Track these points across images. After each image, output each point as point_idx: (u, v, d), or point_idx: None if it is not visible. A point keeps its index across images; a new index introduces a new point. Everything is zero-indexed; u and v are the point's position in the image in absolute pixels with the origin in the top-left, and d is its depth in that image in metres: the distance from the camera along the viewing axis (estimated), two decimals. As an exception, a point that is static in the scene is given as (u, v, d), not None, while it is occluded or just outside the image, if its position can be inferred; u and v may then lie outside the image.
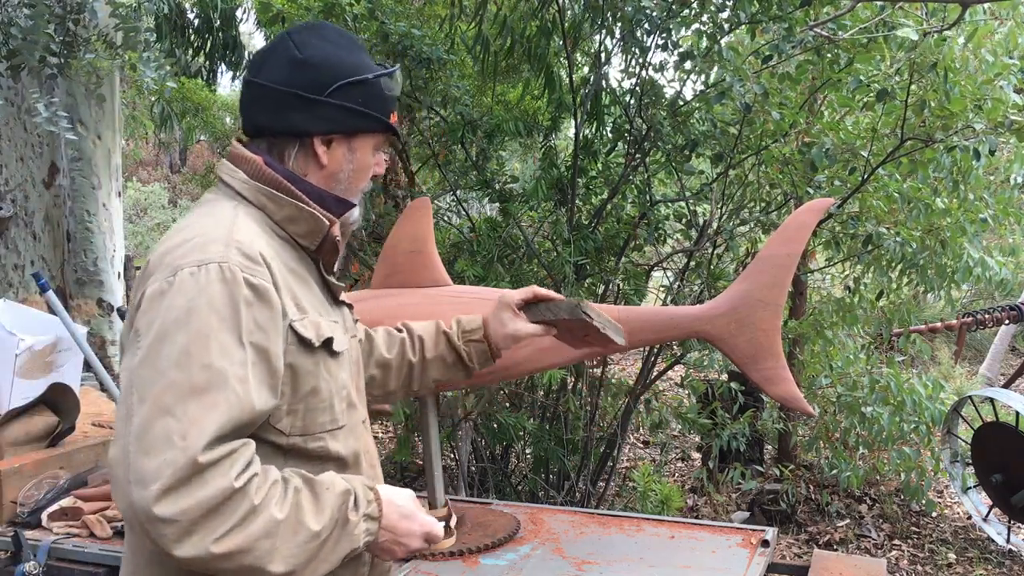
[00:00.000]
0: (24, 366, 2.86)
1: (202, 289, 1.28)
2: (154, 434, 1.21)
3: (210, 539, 1.21)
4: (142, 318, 1.29)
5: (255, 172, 1.45)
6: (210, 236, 1.35)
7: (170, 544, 1.20)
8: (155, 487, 1.19)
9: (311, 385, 1.41)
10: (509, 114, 4.15)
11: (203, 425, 1.22)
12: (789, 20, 3.32)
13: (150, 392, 1.23)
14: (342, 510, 1.35)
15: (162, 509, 1.19)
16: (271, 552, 1.26)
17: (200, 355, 1.25)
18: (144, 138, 14.50)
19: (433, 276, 2.42)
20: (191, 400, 1.23)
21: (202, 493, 1.21)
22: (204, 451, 1.21)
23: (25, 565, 2.22)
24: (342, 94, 1.47)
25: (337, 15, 3.71)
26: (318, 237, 1.48)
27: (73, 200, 4.96)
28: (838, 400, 4.57)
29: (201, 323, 1.26)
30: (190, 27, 7.09)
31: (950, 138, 3.37)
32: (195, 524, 1.20)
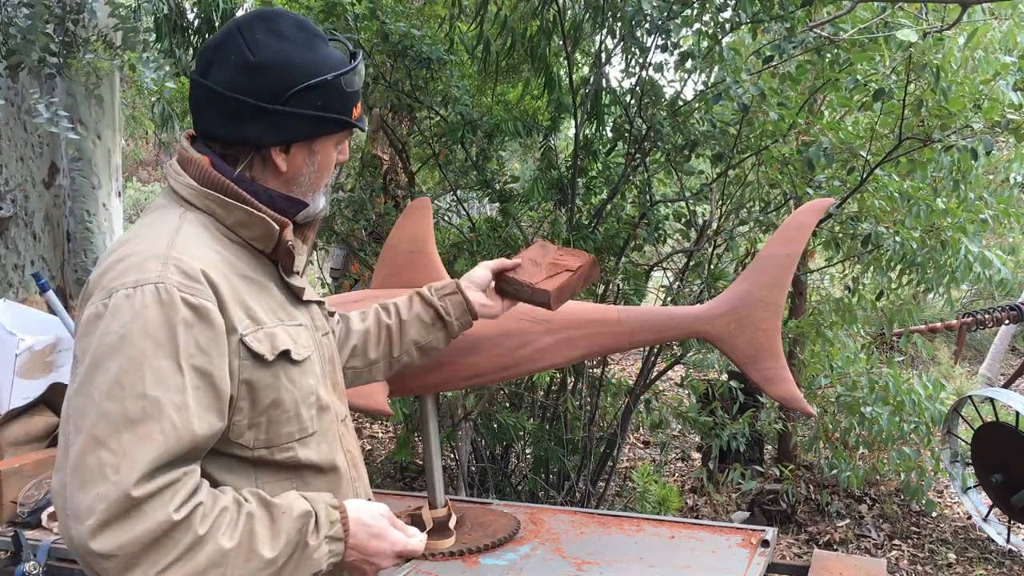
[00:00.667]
0: (24, 366, 2.86)
1: (137, 313, 1.23)
2: (87, 467, 1.18)
3: (152, 572, 1.17)
4: (79, 343, 1.26)
5: (201, 176, 1.38)
6: (148, 252, 1.29)
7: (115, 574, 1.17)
8: (90, 522, 1.16)
9: (271, 398, 1.36)
10: (509, 114, 4.15)
11: (135, 458, 1.18)
12: (791, 20, 3.32)
13: (84, 423, 1.20)
14: (301, 533, 1.29)
15: (99, 545, 1.16)
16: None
17: (134, 384, 1.20)
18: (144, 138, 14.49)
19: (433, 276, 2.42)
20: (124, 432, 1.18)
21: (140, 527, 1.17)
22: (137, 485, 1.17)
23: (25, 565, 2.22)
24: (299, 100, 1.37)
25: (338, 15, 3.72)
26: (271, 241, 1.41)
27: (73, 200, 4.97)
28: (837, 400, 4.57)
29: (135, 350, 1.21)
30: (190, 27, 7.08)
31: (948, 138, 3.37)
32: (135, 558, 1.17)
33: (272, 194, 1.42)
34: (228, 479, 1.35)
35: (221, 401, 1.29)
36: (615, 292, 3.95)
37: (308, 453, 1.42)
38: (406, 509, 2.47)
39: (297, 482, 1.42)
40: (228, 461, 1.34)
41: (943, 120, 3.39)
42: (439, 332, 1.89)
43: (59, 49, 3.45)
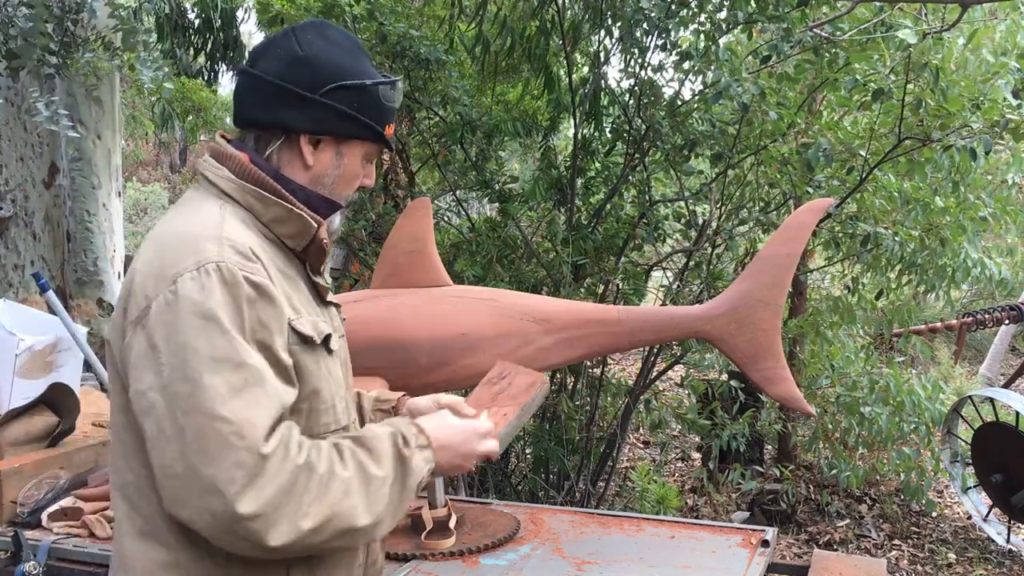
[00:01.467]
0: (24, 366, 2.86)
1: (208, 293, 1.27)
2: (210, 441, 1.22)
3: (298, 518, 1.24)
4: (157, 333, 1.27)
5: (240, 170, 1.41)
6: (201, 235, 1.32)
7: (264, 537, 1.22)
8: (232, 490, 1.21)
9: (312, 385, 1.40)
10: (508, 114, 4.15)
11: (255, 420, 1.24)
12: (787, 20, 3.32)
13: (193, 404, 1.23)
14: (397, 449, 1.38)
15: (245, 507, 1.21)
16: (354, 509, 1.29)
17: (229, 357, 1.25)
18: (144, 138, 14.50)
19: (433, 276, 2.42)
20: (235, 400, 1.24)
21: (276, 481, 1.23)
22: (265, 443, 1.24)
23: (25, 565, 2.22)
24: (337, 96, 1.42)
25: (337, 16, 3.71)
26: (305, 239, 1.44)
27: (73, 200, 4.97)
28: (837, 400, 4.57)
29: (217, 327, 1.26)
30: (191, 27, 7.09)
31: (947, 137, 3.37)
32: (279, 510, 1.23)
33: (308, 193, 1.45)
34: None
35: (286, 372, 1.34)
36: (615, 292, 3.95)
37: None
38: (406, 509, 2.47)
39: None
40: None
41: (942, 120, 3.39)
42: None
43: (59, 49, 3.45)
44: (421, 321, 2.28)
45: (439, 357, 2.25)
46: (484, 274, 3.81)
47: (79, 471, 2.64)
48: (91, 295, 5.10)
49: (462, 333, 2.27)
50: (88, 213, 5.01)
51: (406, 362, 2.26)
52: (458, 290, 2.43)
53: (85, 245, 5.03)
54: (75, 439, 2.78)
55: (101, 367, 3.21)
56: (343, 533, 1.29)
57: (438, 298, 2.35)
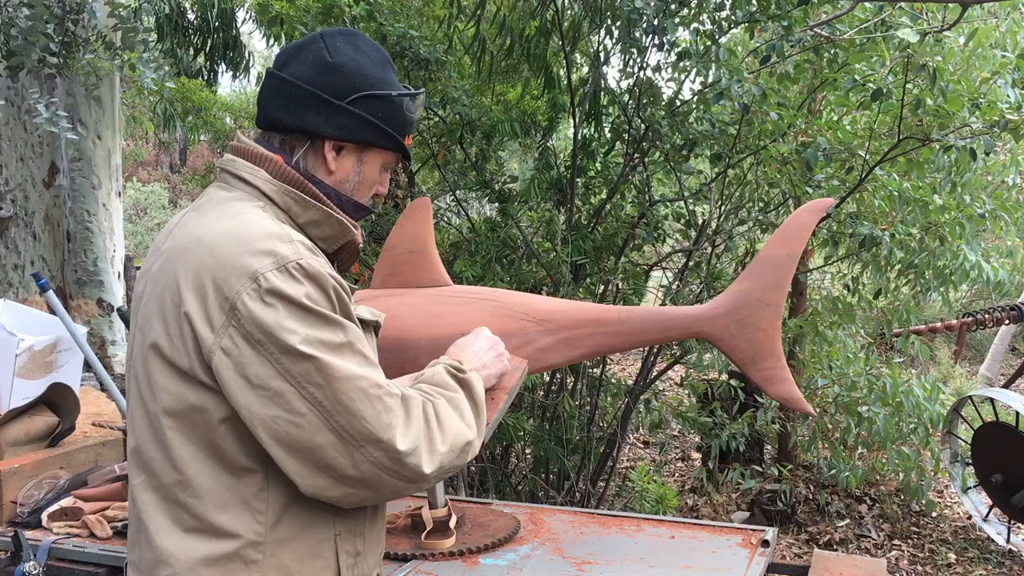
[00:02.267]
0: (24, 366, 2.86)
1: (297, 286, 1.31)
2: (355, 401, 1.31)
3: (437, 444, 1.38)
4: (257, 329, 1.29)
5: (279, 172, 1.44)
6: (267, 235, 1.34)
7: (422, 469, 1.35)
8: (390, 434, 1.32)
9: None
10: (507, 114, 4.15)
11: (374, 369, 1.37)
12: (787, 19, 3.32)
13: (322, 377, 1.30)
14: (456, 377, 1.54)
15: (404, 445, 1.33)
16: (462, 428, 1.45)
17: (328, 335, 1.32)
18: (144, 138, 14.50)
19: (433, 276, 2.42)
20: (351, 360, 1.33)
21: (415, 418, 1.37)
22: (396, 389, 1.37)
23: (25, 565, 2.22)
24: (362, 104, 1.46)
25: (336, 16, 3.72)
26: (339, 241, 1.48)
27: (73, 200, 4.96)
28: (835, 400, 4.57)
29: (312, 311, 1.32)
30: (191, 27, 7.09)
31: (947, 137, 3.37)
32: (424, 442, 1.36)
33: (342, 198, 1.50)
34: None
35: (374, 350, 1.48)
36: (615, 292, 3.95)
37: None
38: (406, 509, 2.47)
39: None
40: None
41: (941, 120, 3.39)
42: None
43: (59, 49, 3.45)
44: (421, 321, 2.27)
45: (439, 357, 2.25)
46: (484, 274, 3.81)
47: (79, 471, 2.64)
48: (91, 295, 5.11)
49: (462, 333, 2.26)
50: (88, 213, 5.01)
51: (406, 362, 2.25)
52: (458, 290, 2.43)
53: (85, 245, 5.03)
54: (75, 439, 2.78)
55: (101, 367, 3.20)
56: (463, 450, 1.43)
57: (438, 298, 2.35)
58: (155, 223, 14.30)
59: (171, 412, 1.34)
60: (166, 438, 1.35)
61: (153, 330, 1.35)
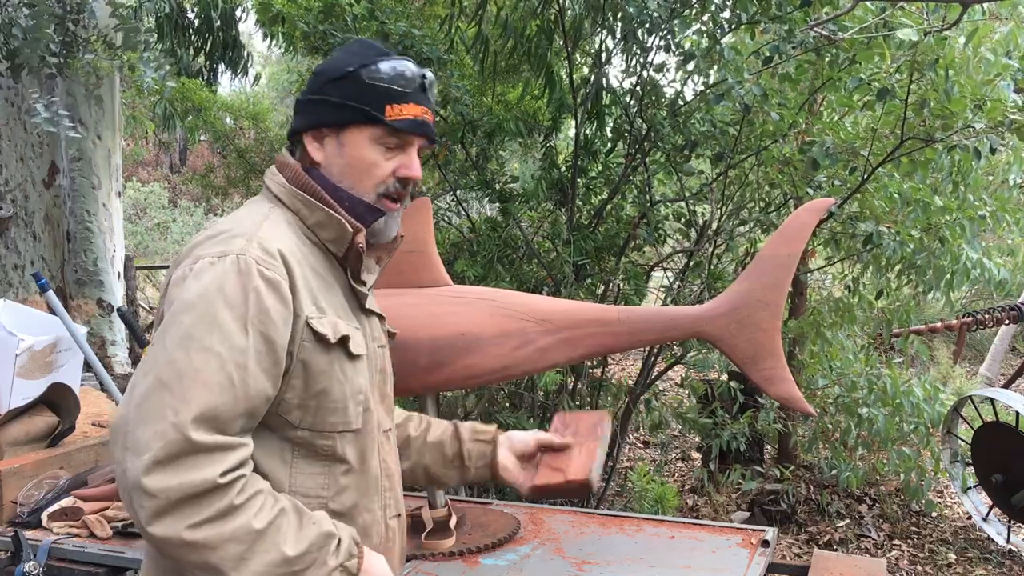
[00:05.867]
0: (24, 366, 2.86)
1: (216, 277, 1.34)
2: (150, 405, 1.27)
3: (183, 524, 1.24)
4: (164, 303, 1.38)
5: (293, 177, 1.51)
6: (236, 231, 1.41)
7: (147, 518, 1.24)
8: (146, 457, 1.24)
9: (322, 385, 1.43)
10: (509, 114, 4.15)
11: (192, 401, 1.27)
12: (789, 20, 3.32)
13: (154, 367, 1.30)
14: (322, 549, 1.34)
15: (149, 481, 1.23)
16: (238, 560, 1.27)
17: (201, 338, 1.30)
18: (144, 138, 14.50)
19: (433, 276, 2.42)
20: (187, 378, 1.28)
21: (187, 477, 1.24)
22: (194, 428, 1.25)
23: (25, 565, 2.22)
24: (327, 90, 1.50)
25: (337, 15, 3.71)
26: (344, 244, 1.50)
27: (73, 200, 4.96)
28: (835, 400, 4.57)
29: (208, 308, 1.32)
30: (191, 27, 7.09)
31: (950, 138, 3.37)
32: (172, 506, 1.24)
33: (356, 201, 1.51)
34: (265, 461, 1.41)
35: (278, 368, 1.37)
36: (615, 292, 3.95)
37: (346, 448, 1.48)
38: (406, 509, 2.47)
39: (329, 479, 1.46)
40: (269, 439, 1.41)
41: (945, 120, 3.39)
42: (454, 471, 1.90)
43: (59, 49, 3.45)
44: (421, 321, 2.27)
45: (439, 357, 2.25)
46: (484, 274, 3.81)
47: (79, 471, 2.64)
48: (91, 295, 5.10)
49: (462, 333, 2.26)
50: (88, 213, 5.01)
51: (406, 362, 2.25)
52: (458, 290, 2.42)
53: (85, 245, 5.02)
54: (75, 439, 2.78)
55: (101, 367, 3.21)
56: (212, 572, 1.27)
57: (438, 298, 2.35)
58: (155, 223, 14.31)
59: None
60: None
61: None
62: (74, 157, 4.88)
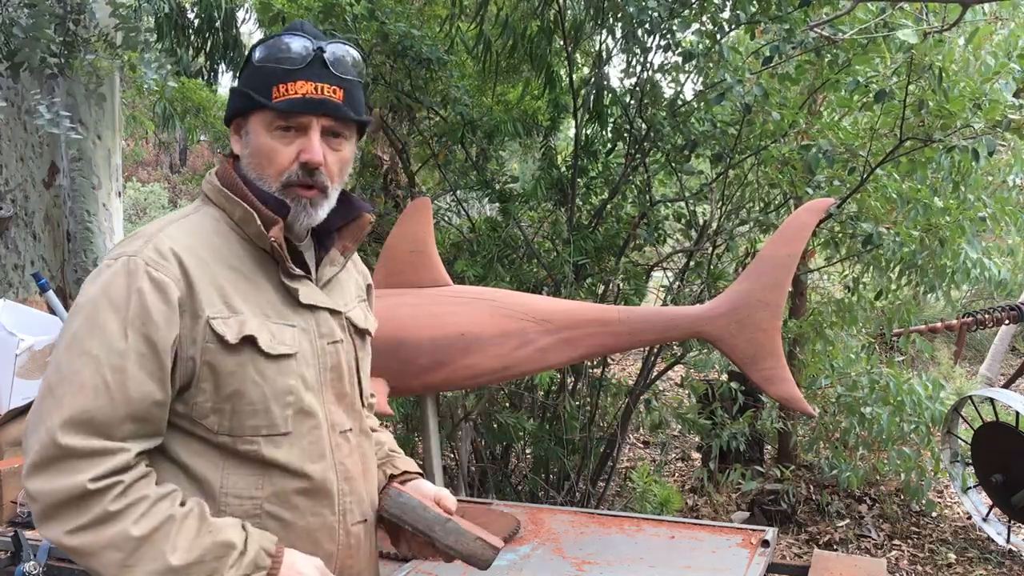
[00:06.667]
0: (24, 366, 2.86)
1: (106, 281, 1.34)
2: (37, 411, 1.29)
3: (62, 529, 1.25)
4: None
5: (221, 172, 1.48)
6: (141, 233, 1.41)
7: (36, 520, 1.27)
8: (27, 461, 1.28)
9: (234, 387, 1.37)
10: (509, 114, 4.15)
11: (63, 406, 1.27)
12: (789, 20, 3.32)
13: (47, 372, 1.32)
14: (217, 560, 1.29)
15: (31, 484, 1.27)
16: (120, 567, 1.25)
17: (83, 341, 1.30)
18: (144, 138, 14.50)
19: (433, 276, 2.42)
20: (65, 383, 1.28)
21: (57, 483, 1.25)
22: (63, 432, 1.25)
23: (25, 565, 2.22)
24: (239, 79, 1.48)
25: (337, 15, 3.71)
26: (265, 238, 1.42)
27: (73, 200, 4.96)
28: (838, 400, 4.57)
29: (94, 311, 1.32)
30: (191, 27, 7.08)
31: (949, 138, 3.37)
32: (52, 509, 1.26)
33: (262, 193, 1.45)
34: (197, 463, 1.39)
35: (163, 371, 1.33)
36: (615, 292, 3.95)
37: (275, 452, 1.40)
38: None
39: (264, 480, 1.40)
40: (196, 444, 1.39)
41: (944, 120, 3.39)
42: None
43: (60, 49, 3.44)
44: (421, 321, 2.28)
45: (439, 357, 2.25)
46: (485, 274, 3.81)
47: (79, 471, 2.64)
48: (91, 295, 5.09)
49: (462, 333, 2.27)
50: (88, 213, 5.01)
51: (406, 362, 2.26)
52: (458, 290, 2.43)
53: (85, 245, 5.02)
54: (75, 439, 2.78)
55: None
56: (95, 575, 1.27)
57: (438, 298, 2.35)
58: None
59: None
60: None
61: None
62: (74, 157, 4.87)
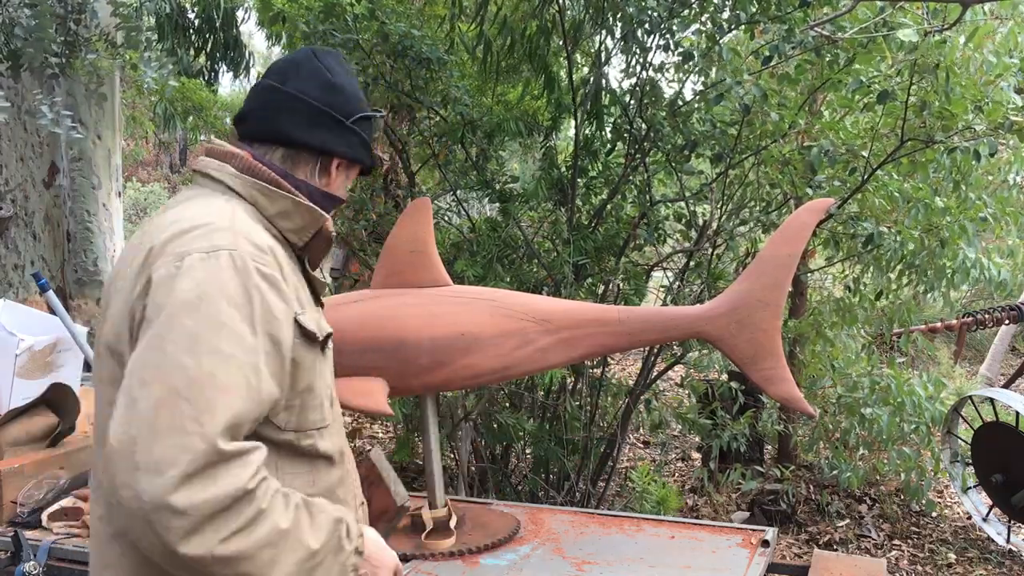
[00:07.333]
0: (24, 366, 2.86)
1: (213, 275, 1.25)
2: (165, 419, 1.15)
3: (216, 539, 1.16)
4: (150, 304, 1.25)
5: (245, 167, 1.43)
6: (213, 225, 1.32)
7: (176, 539, 1.13)
8: (172, 473, 1.13)
9: (308, 382, 1.39)
10: (509, 114, 4.15)
11: (217, 411, 1.18)
12: (788, 20, 3.32)
13: (157, 376, 1.18)
14: (336, 536, 1.33)
15: (178, 499, 1.12)
16: (272, 563, 1.22)
17: (211, 341, 1.21)
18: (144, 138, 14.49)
19: (433, 276, 2.42)
20: (204, 385, 1.18)
21: (219, 487, 1.16)
22: (223, 438, 1.17)
23: (25, 565, 2.22)
24: (361, 125, 1.53)
25: (338, 15, 3.71)
26: (310, 232, 1.46)
27: (73, 200, 4.96)
28: (838, 401, 4.57)
29: (212, 309, 1.22)
30: (191, 27, 7.09)
31: (950, 139, 3.37)
32: (205, 521, 1.14)
33: (311, 188, 1.49)
34: None
35: (284, 371, 1.32)
36: (615, 292, 3.95)
37: (324, 444, 1.45)
38: (408, 508, 2.47)
39: (313, 474, 1.44)
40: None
41: (945, 121, 3.39)
42: None
43: (61, 49, 3.44)
44: (421, 321, 2.27)
45: (439, 357, 2.25)
46: (484, 274, 3.81)
47: (79, 471, 2.64)
48: (91, 295, 5.10)
49: (462, 333, 2.27)
50: (88, 213, 5.01)
51: (406, 362, 2.26)
52: (458, 290, 2.43)
53: (85, 245, 5.02)
54: (75, 439, 2.78)
55: (101, 367, 3.20)
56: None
57: (438, 298, 2.35)
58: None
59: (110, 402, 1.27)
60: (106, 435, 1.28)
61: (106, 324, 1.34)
62: (74, 157, 4.87)
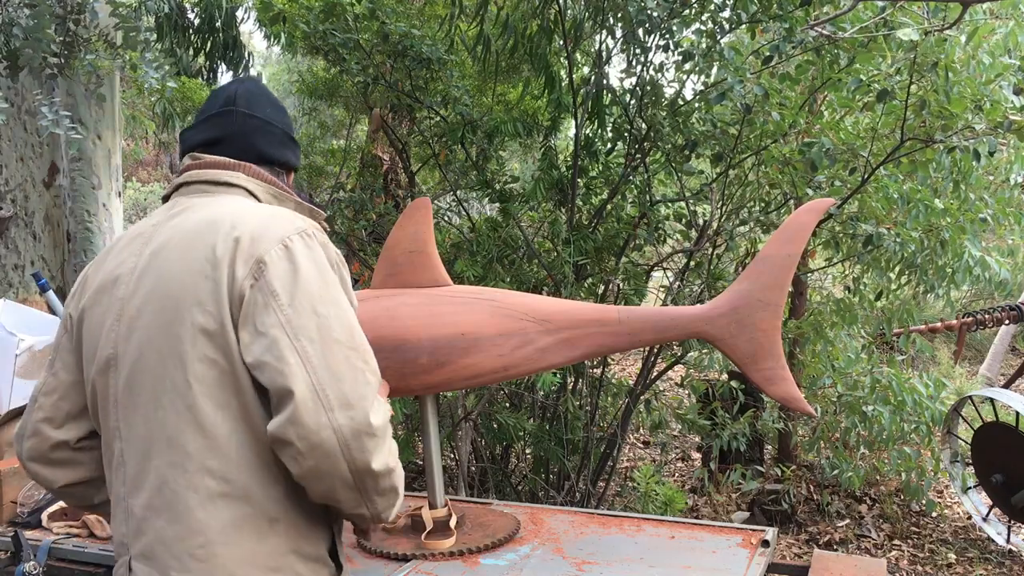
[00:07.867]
0: (24, 366, 2.86)
1: (314, 251, 1.47)
2: (342, 364, 1.39)
3: (392, 452, 1.43)
4: (275, 282, 1.41)
5: (253, 174, 1.63)
6: (281, 214, 1.53)
7: (371, 457, 1.37)
8: (363, 405, 1.37)
9: None
10: (509, 114, 4.15)
11: (369, 351, 1.45)
12: (789, 20, 3.32)
13: (320, 333, 1.39)
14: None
15: (376, 418, 1.38)
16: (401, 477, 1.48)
17: (338, 299, 1.45)
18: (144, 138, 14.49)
19: (433, 276, 2.42)
20: (355, 333, 1.44)
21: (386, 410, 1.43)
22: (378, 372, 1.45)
23: (25, 565, 2.22)
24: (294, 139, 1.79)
25: (338, 15, 3.72)
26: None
27: (73, 200, 4.96)
28: (839, 400, 4.57)
29: (329, 276, 1.47)
30: (191, 27, 7.09)
31: (950, 139, 3.37)
32: (385, 438, 1.40)
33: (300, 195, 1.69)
34: None
35: None
36: (615, 292, 3.95)
37: None
38: (406, 509, 2.47)
39: None
40: None
41: (945, 121, 3.39)
42: None
43: (60, 49, 3.44)
44: (421, 321, 2.27)
45: (439, 357, 2.25)
46: (484, 274, 3.81)
47: (79, 471, 2.64)
48: (91, 295, 5.09)
49: (462, 333, 2.26)
50: (88, 213, 5.01)
51: (406, 362, 2.26)
52: (458, 290, 2.42)
53: (85, 245, 5.02)
54: (75, 439, 2.78)
55: (101, 367, 3.19)
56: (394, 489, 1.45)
57: (438, 298, 2.35)
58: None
59: (201, 378, 1.41)
60: (196, 405, 1.41)
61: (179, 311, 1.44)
62: (74, 157, 4.87)
